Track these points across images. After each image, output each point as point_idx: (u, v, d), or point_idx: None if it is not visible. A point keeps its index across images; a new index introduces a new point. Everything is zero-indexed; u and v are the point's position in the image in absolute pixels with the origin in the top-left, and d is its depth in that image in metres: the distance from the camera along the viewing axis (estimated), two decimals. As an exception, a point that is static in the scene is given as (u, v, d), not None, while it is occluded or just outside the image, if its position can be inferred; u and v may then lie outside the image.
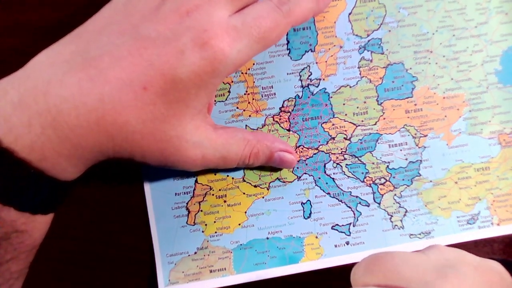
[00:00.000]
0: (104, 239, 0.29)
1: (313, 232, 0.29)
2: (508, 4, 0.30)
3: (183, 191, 0.29)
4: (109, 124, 0.22)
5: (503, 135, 0.30)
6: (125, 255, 0.29)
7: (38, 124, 0.21)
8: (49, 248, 0.29)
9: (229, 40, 0.22)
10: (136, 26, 0.23)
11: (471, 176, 0.29)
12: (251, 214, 0.29)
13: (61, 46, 0.23)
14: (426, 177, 0.29)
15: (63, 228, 0.29)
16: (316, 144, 0.29)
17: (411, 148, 0.29)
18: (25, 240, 0.23)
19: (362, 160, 0.29)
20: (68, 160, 0.22)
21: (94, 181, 0.29)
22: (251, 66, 0.30)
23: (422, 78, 0.30)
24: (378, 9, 0.30)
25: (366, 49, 0.30)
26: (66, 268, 0.29)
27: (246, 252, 0.29)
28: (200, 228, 0.29)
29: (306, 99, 0.30)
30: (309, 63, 0.30)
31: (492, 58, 0.30)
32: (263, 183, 0.29)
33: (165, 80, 0.22)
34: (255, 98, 0.30)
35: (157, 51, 0.22)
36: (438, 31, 0.30)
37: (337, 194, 0.29)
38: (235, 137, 0.26)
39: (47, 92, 0.21)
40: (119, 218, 0.29)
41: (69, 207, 0.29)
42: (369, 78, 0.30)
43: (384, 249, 0.29)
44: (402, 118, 0.30)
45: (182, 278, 0.28)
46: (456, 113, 0.30)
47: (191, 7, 0.23)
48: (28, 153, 0.21)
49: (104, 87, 0.22)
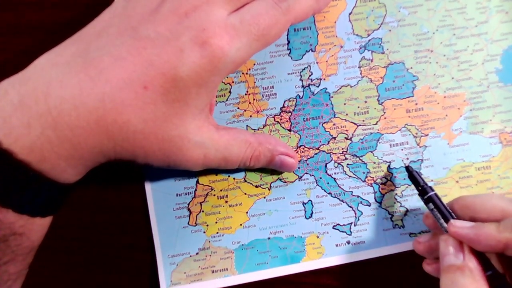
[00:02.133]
0: (105, 240, 0.29)
1: (314, 231, 0.29)
2: (508, 3, 0.30)
3: (184, 191, 0.29)
4: (110, 124, 0.22)
5: (504, 134, 0.30)
6: (127, 256, 0.29)
7: (38, 125, 0.21)
8: (50, 249, 0.29)
9: (228, 38, 0.22)
10: (136, 27, 0.23)
11: (472, 175, 0.29)
12: (252, 214, 0.29)
13: (62, 48, 0.23)
14: (427, 176, 0.29)
15: (64, 229, 0.29)
16: (317, 144, 0.29)
17: (412, 148, 0.29)
18: (23, 242, 0.22)
19: (363, 159, 0.29)
20: (67, 161, 0.22)
21: (95, 182, 0.29)
22: (251, 67, 0.30)
23: (423, 77, 0.30)
24: (379, 8, 0.30)
25: (367, 48, 0.30)
26: (67, 269, 0.29)
27: (248, 252, 0.29)
28: (201, 229, 0.29)
29: (307, 99, 0.30)
30: (310, 63, 0.30)
31: (493, 57, 0.30)
32: (264, 183, 0.29)
33: (166, 79, 0.22)
34: (256, 98, 0.30)
35: (157, 50, 0.22)
36: (438, 30, 0.30)
37: (338, 194, 0.29)
38: (237, 139, 0.26)
39: (47, 93, 0.21)
40: (120, 219, 0.29)
41: (71, 208, 0.29)
42: (369, 77, 0.30)
43: (384, 249, 0.29)
44: (403, 118, 0.30)
45: (184, 278, 0.28)
46: (457, 112, 0.30)
47: (190, 8, 0.23)
48: (27, 154, 0.21)
49: (104, 87, 0.22)
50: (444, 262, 0.23)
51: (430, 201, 0.25)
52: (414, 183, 0.27)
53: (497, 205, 0.23)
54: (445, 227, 0.24)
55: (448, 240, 0.23)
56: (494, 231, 0.22)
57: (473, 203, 0.24)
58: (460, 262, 0.22)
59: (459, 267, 0.22)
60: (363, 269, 0.29)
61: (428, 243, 0.25)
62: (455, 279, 0.21)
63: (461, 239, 0.23)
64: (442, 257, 0.23)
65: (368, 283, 0.29)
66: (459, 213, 0.24)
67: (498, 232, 0.22)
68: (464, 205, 0.24)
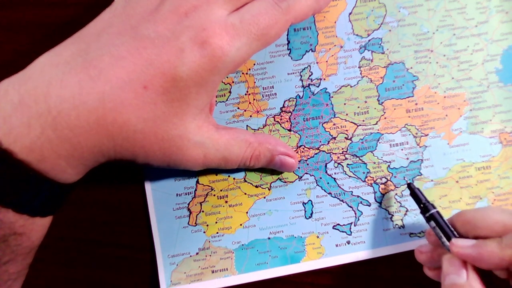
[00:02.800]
0: (105, 240, 0.29)
1: (314, 231, 0.29)
2: (508, 3, 0.30)
3: (184, 191, 0.29)
4: (110, 123, 0.22)
5: (504, 134, 0.30)
6: (127, 256, 0.29)
7: (38, 125, 0.21)
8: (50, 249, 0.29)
9: (228, 38, 0.22)
10: (135, 27, 0.23)
11: (472, 175, 0.29)
12: (252, 214, 0.29)
13: (62, 48, 0.23)
14: (427, 176, 0.29)
15: (64, 229, 0.29)
16: (317, 144, 0.29)
17: (412, 148, 0.29)
18: (23, 242, 0.22)
19: (363, 159, 0.29)
20: (67, 161, 0.22)
21: (95, 182, 0.29)
22: (251, 67, 0.30)
23: (423, 77, 0.30)
24: (379, 8, 0.30)
25: (367, 48, 0.30)
26: (67, 269, 0.29)
27: (248, 252, 0.29)
28: (201, 229, 0.29)
29: (307, 99, 0.30)
30: (310, 63, 0.30)
31: (493, 57, 0.30)
32: (264, 183, 0.29)
33: (166, 79, 0.22)
34: (256, 98, 0.30)
35: (157, 50, 0.22)
36: (438, 30, 0.30)
37: (338, 194, 0.29)
38: (237, 139, 0.26)
39: (47, 93, 0.21)
40: (120, 219, 0.29)
41: (71, 208, 0.29)
42: (369, 77, 0.30)
43: (384, 249, 0.29)
44: (403, 118, 0.30)
45: (184, 278, 0.28)
46: (457, 112, 0.30)
47: (190, 7, 0.23)
48: (27, 154, 0.21)
49: (104, 87, 0.22)
50: (446, 281, 0.22)
51: (432, 219, 0.25)
52: (416, 200, 0.27)
53: (498, 219, 0.22)
54: (447, 245, 0.24)
55: (452, 260, 0.23)
56: (496, 249, 0.21)
57: (474, 218, 0.23)
58: (464, 281, 0.22)
59: (461, 286, 0.21)
60: (363, 269, 0.29)
61: (430, 254, 0.25)
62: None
63: (464, 259, 0.22)
64: (445, 276, 0.22)
65: (368, 283, 0.29)
66: (460, 230, 0.24)
67: (501, 249, 0.21)
68: (465, 220, 0.24)
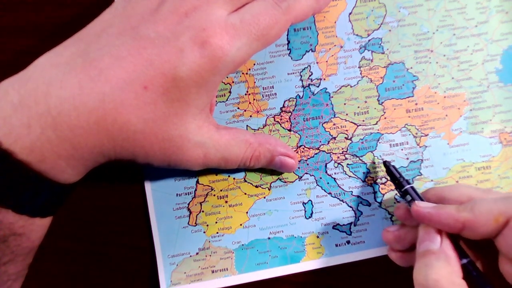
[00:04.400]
0: (105, 240, 0.29)
1: (314, 231, 0.29)
2: (508, 3, 0.30)
3: (184, 191, 0.29)
4: (110, 124, 0.22)
5: (504, 134, 0.30)
6: (127, 256, 0.29)
7: (38, 125, 0.21)
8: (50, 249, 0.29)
9: (228, 38, 0.22)
10: (136, 27, 0.23)
11: (472, 175, 0.29)
12: (252, 214, 0.29)
13: (62, 48, 0.23)
14: (427, 177, 0.29)
15: (64, 229, 0.29)
16: (317, 144, 0.29)
17: (412, 148, 0.29)
18: (22, 242, 0.22)
19: (363, 159, 0.29)
20: (67, 162, 0.22)
21: (95, 182, 0.29)
22: (251, 67, 0.30)
23: (423, 77, 0.30)
24: (379, 8, 0.30)
25: (367, 48, 0.30)
26: (67, 269, 0.29)
27: (248, 252, 0.29)
28: (201, 229, 0.29)
29: (307, 99, 0.30)
30: (310, 63, 0.30)
31: (493, 57, 0.30)
32: (264, 183, 0.29)
33: (166, 79, 0.22)
34: (256, 98, 0.30)
35: (157, 50, 0.22)
36: (438, 30, 0.30)
37: (338, 194, 0.29)
38: (237, 139, 0.26)
39: (47, 93, 0.21)
40: (120, 219, 0.29)
41: (71, 208, 0.29)
42: (369, 77, 0.30)
43: (384, 249, 0.29)
44: (403, 118, 0.30)
45: (184, 279, 0.28)
46: (457, 112, 0.30)
47: (190, 8, 0.23)
48: (27, 155, 0.21)
49: (104, 87, 0.22)
50: (421, 248, 0.23)
51: (407, 194, 0.26)
52: (391, 177, 0.27)
53: (464, 192, 0.25)
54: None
55: (426, 228, 0.24)
56: (453, 211, 0.23)
57: (443, 191, 0.25)
58: (437, 247, 0.23)
59: (434, 252, 0.22)
60: (363, 269, 0.29)
61: (397, 232, 0.26)
62: (429, 262, 0.22)
63: (422, 217, 0.24)
64: (419, 243, 0.24)
65: (368, 283, 0.29)
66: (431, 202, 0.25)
67: (457, 211, 0.23)
68: (434, 194, 0.26)
